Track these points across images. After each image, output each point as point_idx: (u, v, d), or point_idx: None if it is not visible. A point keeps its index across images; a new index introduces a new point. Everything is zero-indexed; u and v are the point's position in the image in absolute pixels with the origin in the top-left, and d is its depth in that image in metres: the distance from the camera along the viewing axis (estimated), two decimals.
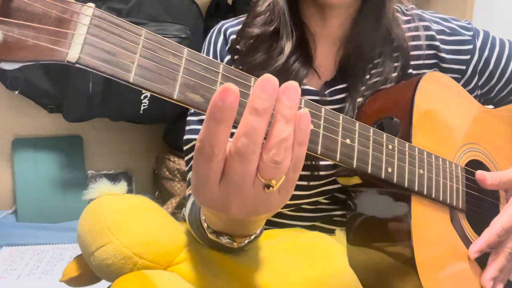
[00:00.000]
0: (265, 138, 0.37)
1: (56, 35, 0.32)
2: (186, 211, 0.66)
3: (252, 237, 0.53)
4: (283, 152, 0.36)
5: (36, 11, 0.31)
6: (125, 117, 1.58)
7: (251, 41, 0.68)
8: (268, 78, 0.35)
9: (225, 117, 0.34)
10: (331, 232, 0.72)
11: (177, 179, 1.61)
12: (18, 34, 0.30)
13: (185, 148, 0.74)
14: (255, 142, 0.35)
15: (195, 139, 0.69)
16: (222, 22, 0.77)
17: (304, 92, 0.69)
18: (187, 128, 0.73)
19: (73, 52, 0.33)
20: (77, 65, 0.32)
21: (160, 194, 1.70)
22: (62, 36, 0.32)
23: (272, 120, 0.36)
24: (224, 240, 0.51)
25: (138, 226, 0.59)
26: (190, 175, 0.72)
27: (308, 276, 0.60)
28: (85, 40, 0.33)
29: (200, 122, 0.71)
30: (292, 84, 0.36)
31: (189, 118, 0.74)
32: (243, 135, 0.35)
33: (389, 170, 0.54)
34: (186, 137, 0.73)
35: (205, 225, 0.53)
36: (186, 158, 0.75)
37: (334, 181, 0.68)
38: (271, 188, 0.38)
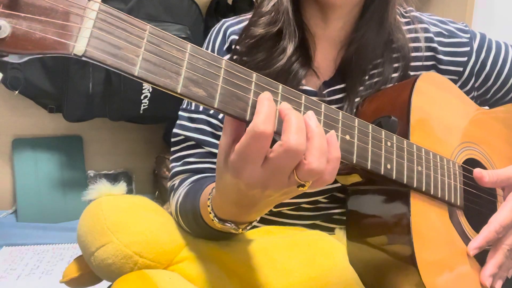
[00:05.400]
0: None
1: (63, 29, 0.32)
2: (175, 201, 0.67)
3: (253, 223, 0.55)
4: (324, 163, 0.43)
5: (43, 5, 0.32)
6: (125, 117, 1.58)
7: (253, 40, 0.68)
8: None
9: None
10: (331, 230, 0.73)
11: None
12: (26, 27, 0.31)
13: (173, 140, 0.74)
14: (305, 144, 0.41)
15: (183, 135, 0.72)
16: (224, 20, 0.77)
17: (302, 93, 0.70)
18: (178, 122, 0.74)
19: (80, 45, 0.33)
20: (83, 58, 0.33)
21: (160, 194, 1.70)
22: (69, 30, 0.33)
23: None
24: (230, 226, 0.54)
25: (138, 225, 0.60)
26: (176, 166, 0.73)
27: (308, 274, 0.60)
28: (92, 34, 0.34)
29: (190, 119, 0.72)
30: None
31: (180, 112, 0.74)
32: (297, 131, 0.41)
33: (388, 166, 0.54)
34: (175, 130, 0.74)
35: (211, 214, 0.54)
36: (172, 149, 0.75)
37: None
38: (304, 187, 0.44)
